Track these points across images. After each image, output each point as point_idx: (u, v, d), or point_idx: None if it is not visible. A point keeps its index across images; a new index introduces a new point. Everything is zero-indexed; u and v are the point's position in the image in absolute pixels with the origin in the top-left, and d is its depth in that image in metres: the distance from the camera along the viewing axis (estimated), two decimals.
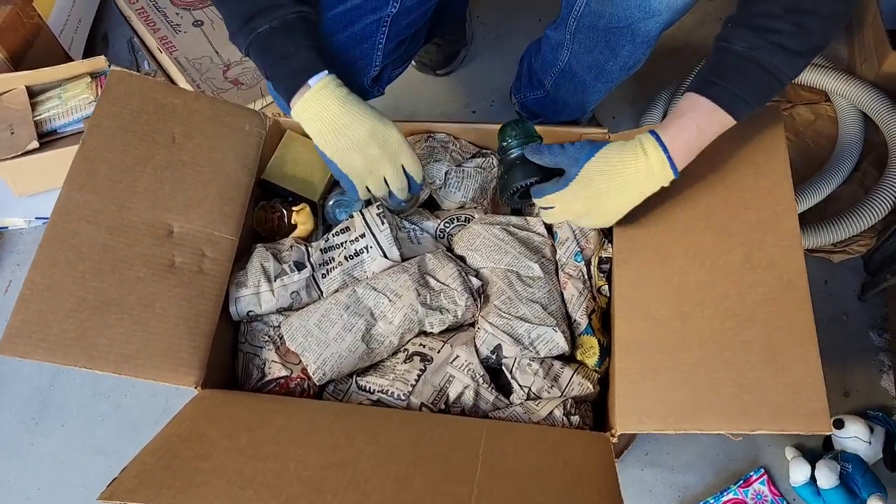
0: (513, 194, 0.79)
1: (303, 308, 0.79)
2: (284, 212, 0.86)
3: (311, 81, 0.69)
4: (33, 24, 1.19)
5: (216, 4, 0.72)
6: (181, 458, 0.58)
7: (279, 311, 0.80)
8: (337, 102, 0.69)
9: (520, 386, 0.73)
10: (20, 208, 1.18)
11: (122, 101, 0.80)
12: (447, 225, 0.84)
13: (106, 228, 0.74)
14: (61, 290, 0.70)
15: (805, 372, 0.60)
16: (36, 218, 1.19)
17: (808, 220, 1.08)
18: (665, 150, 0.66)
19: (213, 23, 1.24)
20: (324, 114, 0.70)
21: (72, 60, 1.26)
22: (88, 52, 1.34)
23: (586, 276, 0.79)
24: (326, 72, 0.69)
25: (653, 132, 0.67)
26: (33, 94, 1.17)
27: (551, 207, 0.75)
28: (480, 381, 0.73)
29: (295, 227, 0.85)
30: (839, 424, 0.95)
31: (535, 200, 0.76)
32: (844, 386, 1.01)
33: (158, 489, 0.55)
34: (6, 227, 1.21)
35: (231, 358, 0.80)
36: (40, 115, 1.15)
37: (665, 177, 0.67)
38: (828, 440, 0.99)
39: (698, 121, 0.66)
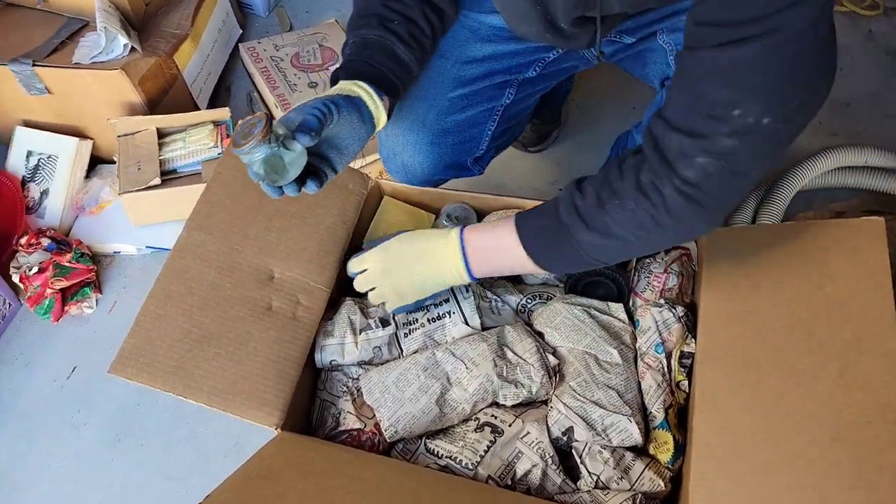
0: None
1: (382, 364, 0.82)
2: None
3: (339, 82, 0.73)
4: (171, 75, 1.33)
5: None
6: (259, 496, 0.61)
7: (360, 364, 0.83)
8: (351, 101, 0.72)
9: (588, 472, 0.73)
10: (134, 236, 1.29)
11: None
12: (529, 301, 0.86)
13: (216, 268, 0.80)
14: (170, 321, 0.76)
15: None
16: (146, 247, 1.29)
17: None
18: (462, 237, 0.70)
19: (326, 84, 1.34)
20: None
21: (198, 109, 1.39)
22: (213, 102, 1.48)
23: (666, 369, 0.78)
24: (352, 81, 0.72)
25: (461, 228, 0.71)
26: (161, 135, 1.29)
27: (364, 270, 0.77)
28: (549, 461, 0.73)
29: None
30: None
31: (349, 265, 0.79)
32: None
33: None
34: (119, 252, 1.31)
35: (308, 402, 0.84)
36: (165, 154, 1.26)
37: (455, 265, 0.70)
38: None
39: (497, 233, 0.69)
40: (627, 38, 0.82)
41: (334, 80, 0.74)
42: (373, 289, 0.77)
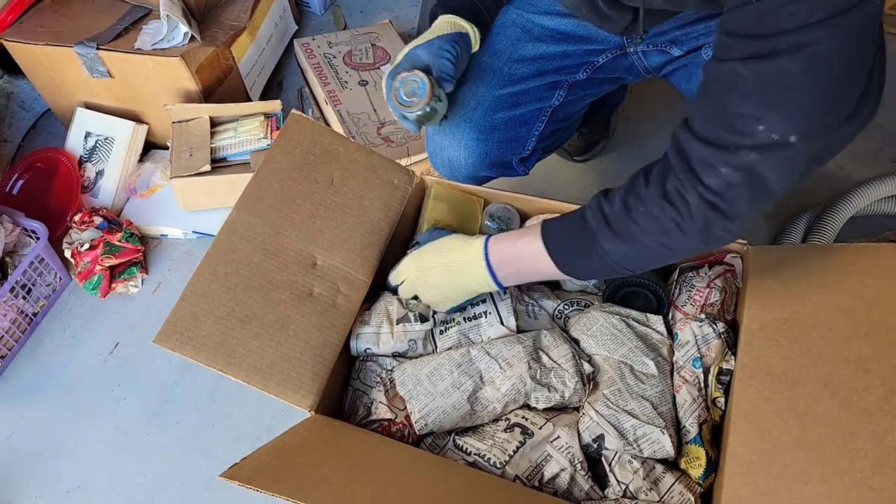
0: None
1: (416, 357, 0.82)
2: None
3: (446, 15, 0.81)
4: (227, 66, 1.37)
5: None
6: (294, 462, 0.62)
7: (394, 356, 0.84)
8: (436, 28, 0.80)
9: (617, 481, 0.72)
10: (182, 221, 1.33)
11: (295, 141, 0.90)
12: (566, 307, 0.86)
13: (262, 250, 0.82)
14: (215, 298, 0.78)
15: None
16: (193, 231, 1.33)
17: None
18: (486, 248, 0.71)
19: (376, 84, 1.36)
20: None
21: (251, 101, 1.43)
22: (264, 95, 1.52)
23: (703, 385, 0.77)
24: (457, 17, 0.80)
25: (487, 235, 0.74)
26: (214, 124, 1.33)
27: (402, 282, 0.81)
28: (578, 466, 0.72)
29: None
30: None
31: (390, 279, 0.84)
32: None
33: (272, 481, 0.59)
34: (166, 235, 1.35)
35: (341, 390, 0.85)
36: (216, 143, 1.30)
37: (481, 275, 0.73)
38: None
39: (522, 243, 0.70)
40: (676, 51, 0.82)
41: (435, 15, 0.81)
42: (415, 297, 0.81)
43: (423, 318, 0.83)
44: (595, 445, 0.74)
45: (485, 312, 0.83)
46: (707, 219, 0.58)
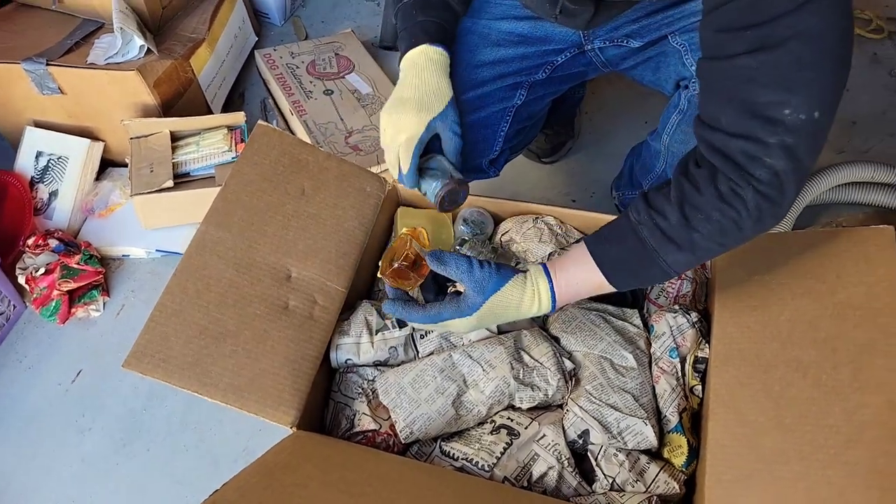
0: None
1: (398, 365, 0.82)
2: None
3: (413, 49, 0.80)
4: (186, 78, 1.34)
5: None
6: (280, 482, 0.61)
7: (375, 365, 0.83)
8: (418, 67, 0.80)
9: (604, 475, 0.73)
10: (144, 239, 1.29)
11: (263, 152, 0.88)
12: None
13: (234, 265, 0.80)
14: (186, 317, 0.76)
15: None
16: (156, 250, 1.29)
17: None
18: (553, 300, 0.70)
19: (342, 93, 1.36)
20: (407, 72, 0.80)
21: (212, 113, 1.40)
22: (226, 107, 1.49)
23: (680, 374, 0.78)
24: (427, 44, 0.80)
25: (548, 278, 0.70)
26: (175, 138, 1.30)
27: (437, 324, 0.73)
28: (566, 463, 0.73)
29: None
30: None
31: (424, 325, 0.75)
32: None
33: None
34: (128, 255, 1.31)
35: (322, 404, 0.84)
36: (178, 157, 1.27)
37: (545, 312, 0.71)
38: None
39: (582, 280, 0.69)
40: (634, 42, 0.83)
41: (410, 39, 0.80)
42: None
43: (401, 324, 0.83)
44: (581, 441, 0.75)
45: None
46: (761, 210, 0.59)
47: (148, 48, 1.24)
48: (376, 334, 0.82)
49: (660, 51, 0.83)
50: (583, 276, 0.69)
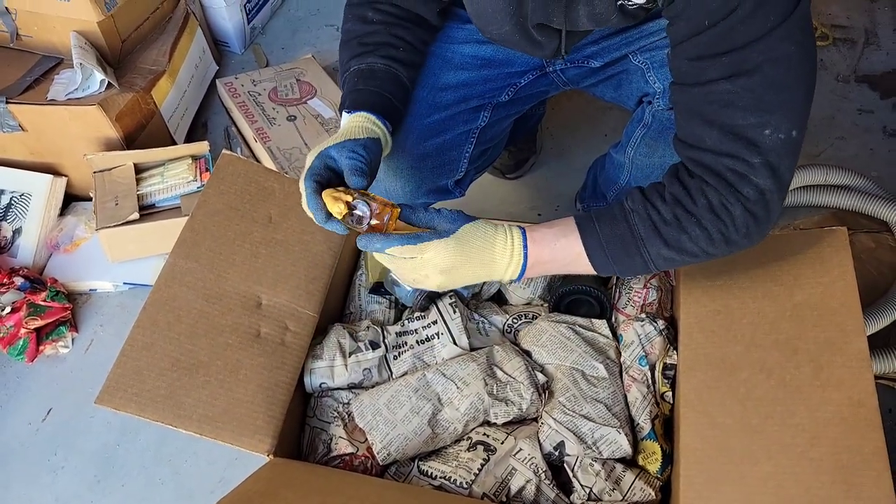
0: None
1: (373, 386, 0.82)
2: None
3: (345, 113, 0.76)
4: (148, 110, 1.34)
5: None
6: None
7: (350, 388, 0.83)
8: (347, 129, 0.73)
9: (581, 485, 0.74)
10: (111, 273, 1.27)
11: (228, 181, 0.89)
12: (515, 321, 0.88)
13: (203, 295, 0.80)
14: (158, 350, 0.75)
15: (877, 495, 0.60)
16: (124, 283, 1.27)
17: (872, 345, 1.07)
18: (525, 254, 0.68)
19: (305, 118, 1.36)
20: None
21: (176, 144, 1.40)
22: (190, 137, 1.48)
23: (650, 381, 0.80)
24: (363, 112, 0.74)
25: (522, 231, 0.69)
26: (139, 170, 1.29)
27: (412, 258, 0.67)
28: (543, 476, 0.74)
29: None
30: None
31: (403, 251, 0.67)
32: None
33: None
34: (95, 290, 1.29)
35: (298, 430, 0.83)
36: (143, 189, 1.26)
37: (512, 274, 0.68)
38: None
39: (560, 245, 0.68)
40: (594, 63, 0.86)
41: (347, 105, 0.76)
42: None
43: (374, 346, 0.83)
44: (556, 453, 0.76)
45: (437, 334, 0.84)
46: (748, 226, 0.62)
47: (108, 82, 1.24)
48: (350, 357, 0.82)
49: (621, 69, 0.86)
50: (562, 242, 0.67)
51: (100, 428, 1.13)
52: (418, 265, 0.68)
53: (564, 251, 0.68)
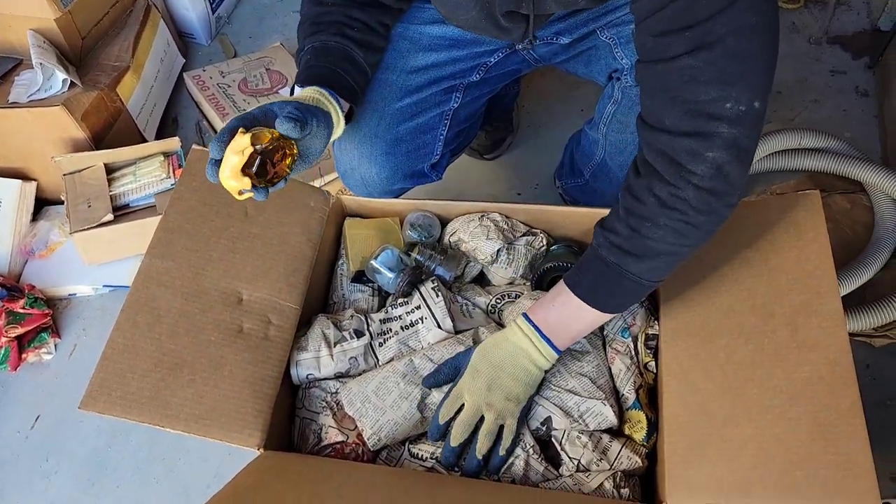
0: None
1: (360, 374, 0.82)
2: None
3: (297, 88, 0.75)
4: (115, 108, 1.31)
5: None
6: None
7: (337, 377, 0.83)
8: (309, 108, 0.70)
9: (569, 458, 0.75)
10: (89, 276, 1.26)
11: (201, 177, 0.87)
12: (498, 301, 0.88)
13: (182, 294, 0.79)
14: (140, 351, 0.75)
15: (854, 449, 0.61)
16: (103, 286, 1.26)
17: (849, 304, 1.09)
18: (533, 324, 0.73)
19: None
20: None
21: (146, 141, 1.38)
22: (160, 134, 1.46)
23: (633, 353, 0.81)
24: (314, 86, 0.73)
25: (522, 314, 0.74)
26: (110, 170, 1.27)
27: (462, 405, 0.74)
28: (531, 451, 0.75)
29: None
30: None
31: (442, 409, 0.75)
32: (892, 470, 0.99)
33: None
34: (74, 294, 1.28)
35: (288, 423, 0.83)
36: (115, 190, 1.24)
37: (544, 349, 0.73)
38: None
39: (559, 303, 0.72)
40: (563, 39, 0.86)
41: (299, 82, 0.75)
42: (481, 418, 0.74)
43: (359, 334, 0.83)
44: (544, 428, 0.77)
45: (421, 318, 0.85)
46: (710, 204, 0.61)
47: (71, 81, 1.21)
48: (335, 346, 0.82)
49: (590, 45, 0.86)
50: (559, 300, 0.71)
51: (90, 431, 1.12)
52: (471, 404, 0.73)
53: (565, 307, 0.71)
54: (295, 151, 0.67)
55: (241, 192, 0.64)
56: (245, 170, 0.63)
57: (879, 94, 1.36)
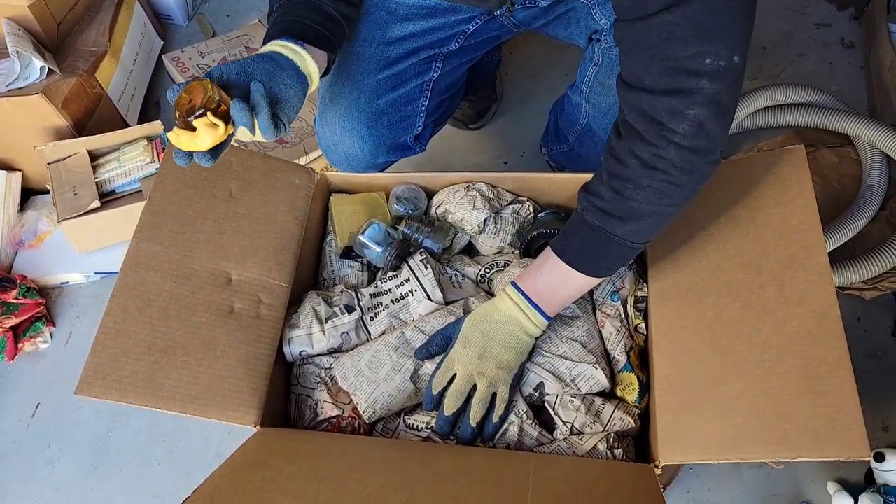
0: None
1: (352, 349, 0.83)
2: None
3: (270, 43, 0.72)
4: (95, 94, 1.30)
5: None
6: (248, 481, 0.62)
7: (330, 353, 0.84)
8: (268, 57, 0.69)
9: (563, 422, 0.76)
10: (80, 264, 1.26)
11: None
12: (488, 270, 0.89)
13: (171, 277, 0.79)
14: (132, 335, 0.75)
15: (842, 400, 0.62)
16: (95, 273, 1.26)
17: (838, 258, 1.10)
18: (521, 292, 0.73)
19: None
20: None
21: (129, 126, 1.36)
22: (143, 118, 1.45)
23: (623, 315, 0.82)
24: (279, 40, 0.71)
25: (511, 282, 0.75)
26: (94, 157, 1.26)
27: (454, 374, 0.75)
28: (525, 417, 0.76)
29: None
30: (880, 458, 0.95)
31: (435, 379, 0.76)
32: (883, 420, 1.01)
33: None
34: (66, 283, 1.28)
35: (284, 400, 0.84)
36: (100, 176, 1.23)
37: (533, 316, 0.73)
38: (869, 474, 0.98)
39: (546, 269, 0.72)
40: (542, 2, 0.85)
41: (265, 40, 0.73)
42: (473, 387, 0.74)
43: (349, 309, 0.84)
44: (537, 394, 0.77)
45: (411, 291, 0.85)
46: (692, 162, 0.60)
47: (49, 68, 1.20)
48: (326, 322, 0.82)
49: (569, 7, 0.84)
50: (546, 266, 0.71)
51: (90, 417, 1.13)
52: (464, 373, 0.74)
53: (553, 273, 0.71)
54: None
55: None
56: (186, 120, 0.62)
57: (865, 46, 1.34)
